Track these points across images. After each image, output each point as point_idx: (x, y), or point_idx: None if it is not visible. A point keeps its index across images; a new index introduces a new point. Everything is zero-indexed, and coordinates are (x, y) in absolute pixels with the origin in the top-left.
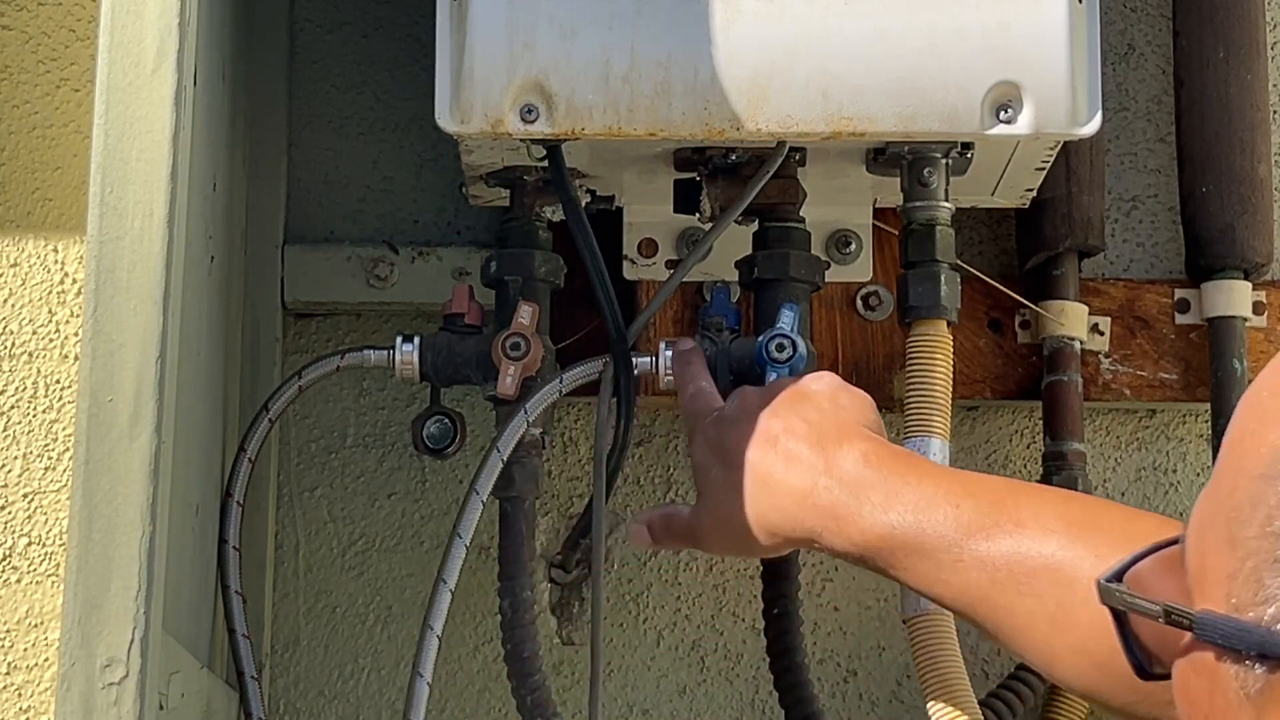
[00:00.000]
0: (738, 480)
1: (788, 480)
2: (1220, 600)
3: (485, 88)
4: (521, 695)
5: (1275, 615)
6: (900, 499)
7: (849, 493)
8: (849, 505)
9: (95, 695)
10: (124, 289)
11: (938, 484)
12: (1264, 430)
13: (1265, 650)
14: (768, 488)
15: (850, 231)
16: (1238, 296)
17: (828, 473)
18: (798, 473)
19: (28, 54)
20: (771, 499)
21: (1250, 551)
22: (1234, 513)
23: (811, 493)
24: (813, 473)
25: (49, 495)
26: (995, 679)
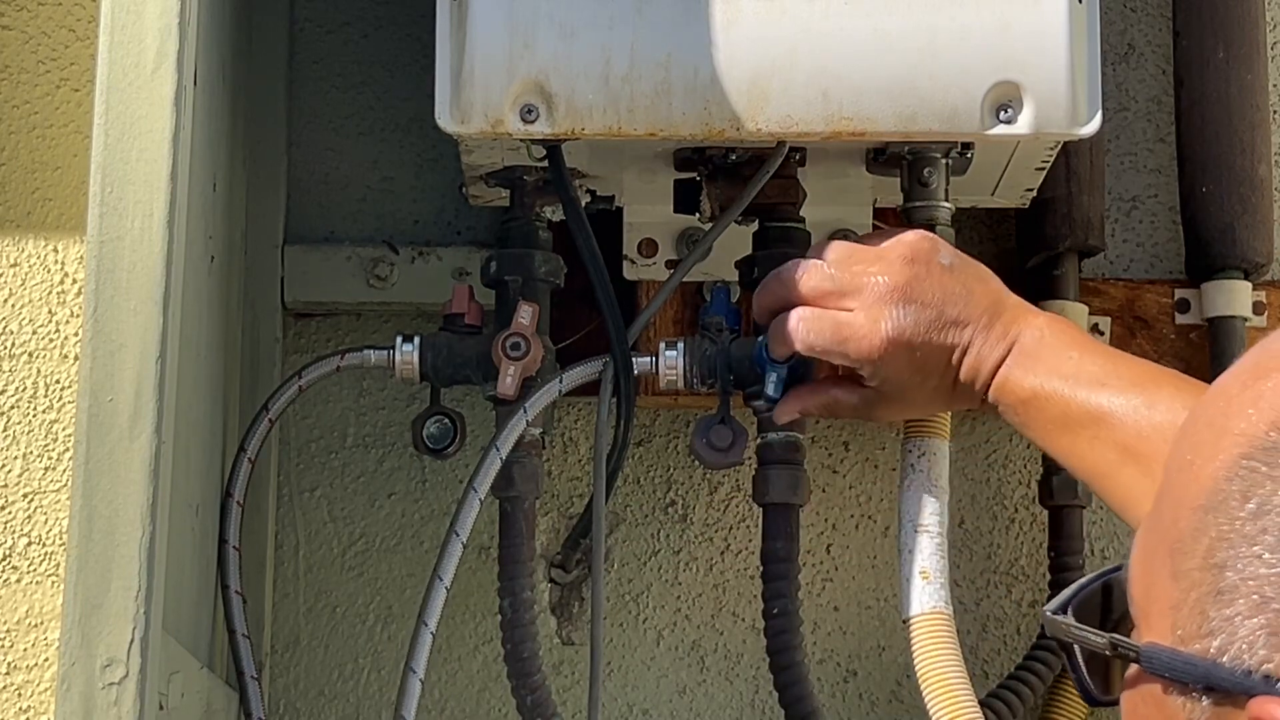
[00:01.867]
0: (928, 373)
1: (975, 362)
2: (1166, 632)
3: (485, 88)
4: (521, 695)
5: (1220, 647)
6: (1057, 374)
7: (1025, 367)
8: (1022, 372)
9: (95, 695)
10: (124, 289)
11: (1093, 362)
12: (1202, 462)
13: (1211, 683)
14: (957, 371)
15: (850, 231)
16: (1238, 296)
17: (1015, 341)
18: (985, 351)
19: (28, 54)
20: (963, 378)
21: (1193, 583)
22: (1176, 544)
23: (993, 366)
24: (1004, 341)
25: (49, 495)
26: (995, 679)
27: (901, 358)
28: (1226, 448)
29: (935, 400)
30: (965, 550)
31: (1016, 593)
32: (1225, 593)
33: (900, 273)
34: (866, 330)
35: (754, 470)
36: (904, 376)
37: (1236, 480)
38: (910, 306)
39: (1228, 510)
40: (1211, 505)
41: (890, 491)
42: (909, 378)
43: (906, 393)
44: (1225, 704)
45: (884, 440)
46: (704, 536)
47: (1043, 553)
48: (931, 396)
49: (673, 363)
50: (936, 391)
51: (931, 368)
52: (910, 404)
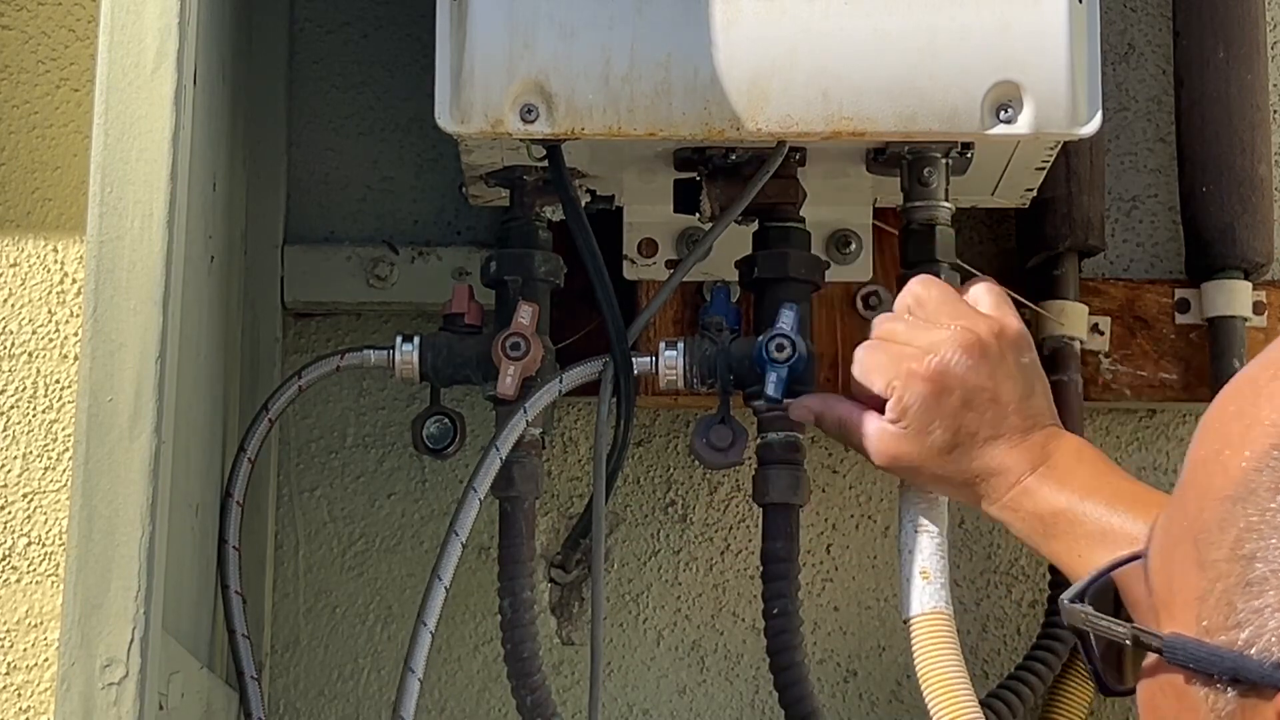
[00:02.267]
0: (961, 443)
1: (1009, 461)
2: (1190, 622)
3: (485, 88)
4: (521, 695)
5: (1249, 639)
6: (1099, 491)
7: (1056, 478)
8: (1053, 488)
9: (95, 695)
10: (124, 289)
11: (1134, 489)
12: (1230, 453)
13: (1238, 674)
14: (985, 461)
15: (850, 231)
16: (1238, 296)
17: (1045, 460)
18: (1020, 457)
19: (28, 54)
20: (984, 471)
21: (1220, 574)
22: (1202, 535)
23: (1025, 476)
24: (1033, 459)
25: (49, 495)
26: (995, 679)
27: (933, 402)
28: (1256, 439)
29: (941, 468)
30: (965, 550)
31: (1016, 593)
32: (1254, 584)
33: (980, 329)
34: (914, 356)
35: (754, 470)
36: (924, 426)
37: (1267, 471)
38: (971, 361)
39: (1257, 501)
40: (1240, 496)
41: (890, 491)
42: (928, 431)
43: (919, 451)
44: (1251, 696)
45: None
46: (704, 536)
47: None
48: (939, 463)
49: (673, 363)
50: (944, 461)
51: (951, 434)
52: (916, 462)
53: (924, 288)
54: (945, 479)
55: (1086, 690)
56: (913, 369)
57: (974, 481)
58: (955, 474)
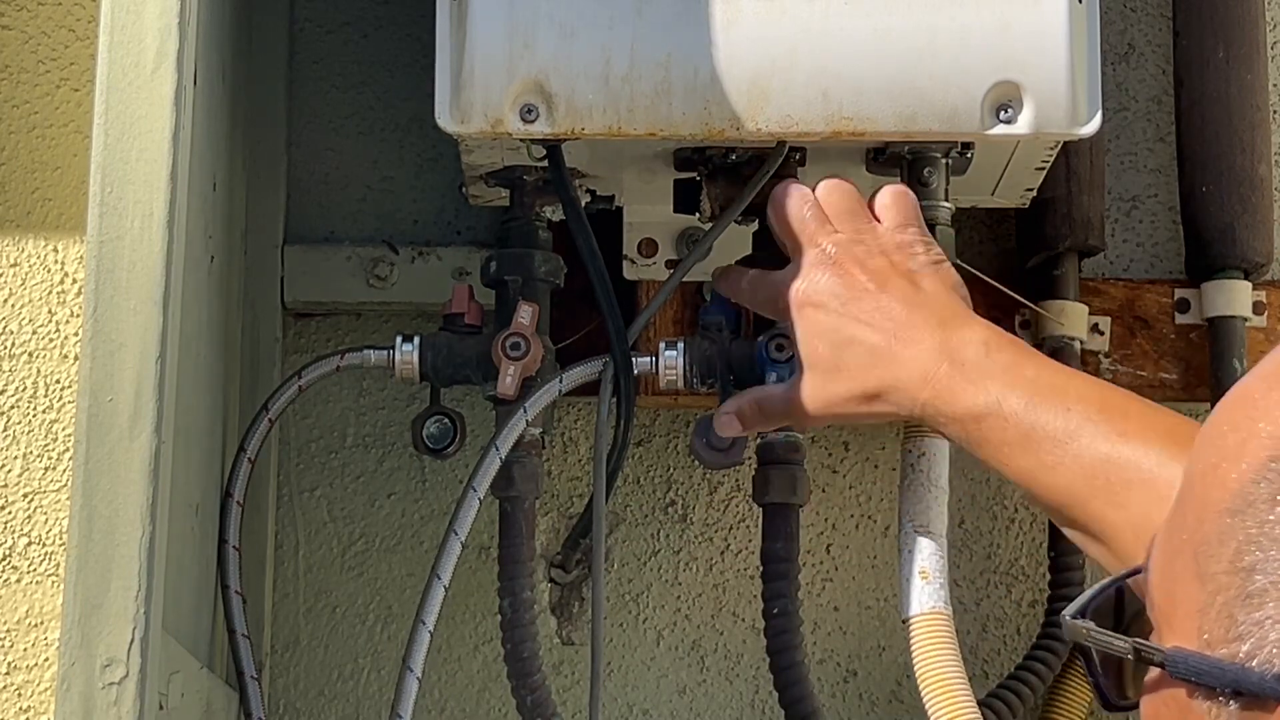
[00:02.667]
0: (848, 355)
1: (907, 358)
2: (1191, 635)
3: (485, 88)
4: (521, 695)
5: (1250, 651)
6: (1015, 388)
7: (967, 378)
8: (965, 390)
9: (95, 695)
10: (124, 289)
11: (1052, 381)
12: (1227, 465)
13: (1240, 687)
14: (885, 363)
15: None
16: (1238, 296)
17: (950, 356)
18: (919, 352)
19: (28, 54)
20: (888, 375)
21: (1220, 587)
22: (1202, 547)
23: (932, 375)
24: (935, 354)
25: (49, 495)
26: (995, 679)
27: (809, 326)
28: (1253, 451)
29: (849, 389)
30: (965, 550)
31: (1016, 593)
32: (1254, 596)
33: (856, 245)
34: (786, 286)
35: (754, 470)
36: (812, 354)
37: (1264, 483)
38: (836, 273)
39: (1256, 513)
40: (1239, 508)
41: (890, 491)
42: (817, 357)
43: (823, 382)
44: (1254, 708)
45: (884, 440)
46: (704, 536)
47: (1043, 553)
48: (845, 386)
49: (673, 363)
50: (847, 381)
51: (835, 348)
52: (826, 395)
53: (827, 193)
54: (857, 399)
55: (1086, 690)
56: (787, 302)
57: (884, 393)
58: (862, 391)
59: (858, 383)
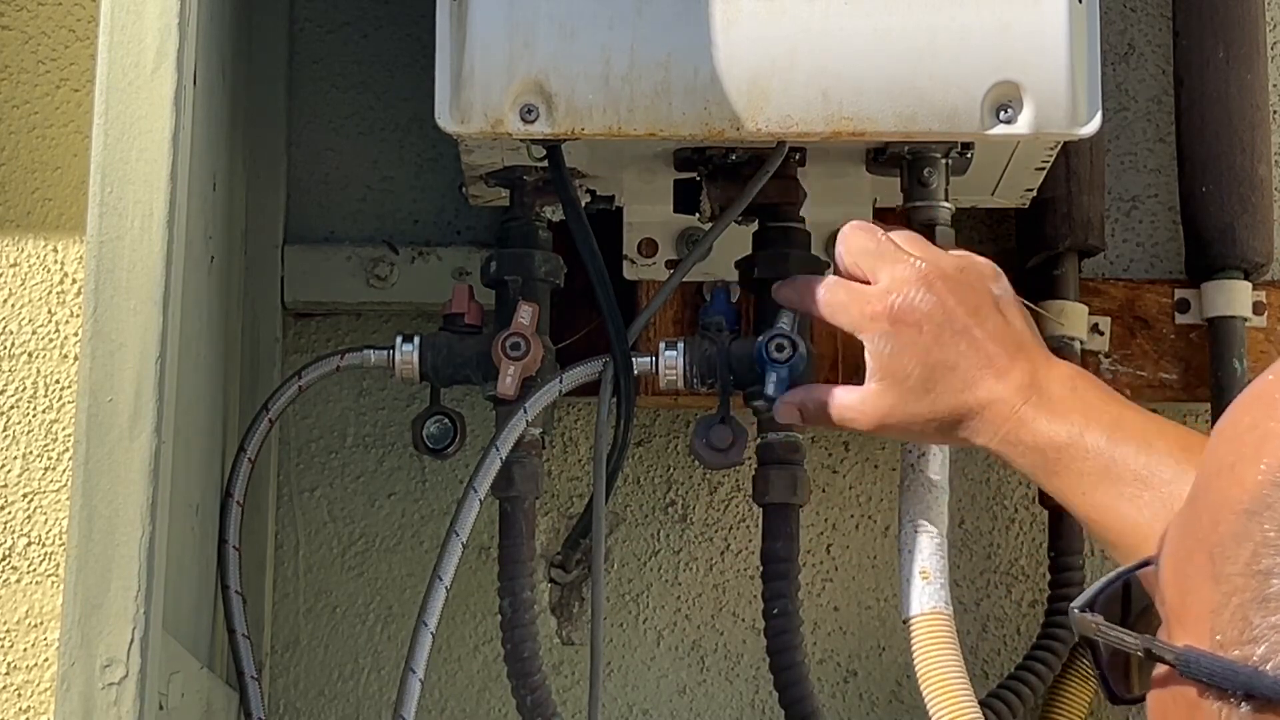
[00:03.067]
0: (941, 379)
1: (997, 390)
2: (1204, 636)
3: (485, 88)
4: (521, 695)
5: (1264, 655)
6: (1098, 422)
7: (1052, 410)
8: (1048, 421)
9: (95, 695)
10: (124, 289)
11: (1135, 420)
12: (1244, 466)
13: (1252, 690)
14: (974, 393)
15: None
16: (1238, 296)
17: (1039, 390)
18: (1008, 385)
19: (28, 54)
20: (974, 403)
21: (1236, 588)
22: (1217, 547)
23: (1018, 407)
24: (1023, 388)
25: (49, 495)
26: (995, 679)
27: (903, 343)
28: (1272, 450)
29: (929, 411)
30: (965, 550)
31: (1016, 593)
32: (1271, 600)
33: (944, 264)
34: (876, 296)
35: (754, 470)
36: (899, 370)
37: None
38: (934, 294)
39: (1274, 515)
40: (1256, 510)
41: (890, 491)
42: (905, 375)
43: (901, 399)
44: (1266, 711)
45: (884, 440)
46: (704, 536)
47: (1043, 553)
48: (925, 407)
49: (673, 363)
50: (929, 403)
51: (928, 371)
52: (903, 412)
53: (888, 230)
54: (937, 422)
55: (1086, 690)
56: (875, 311)
57: (965, 418)
58: (945, 414)
59: (943, 406)
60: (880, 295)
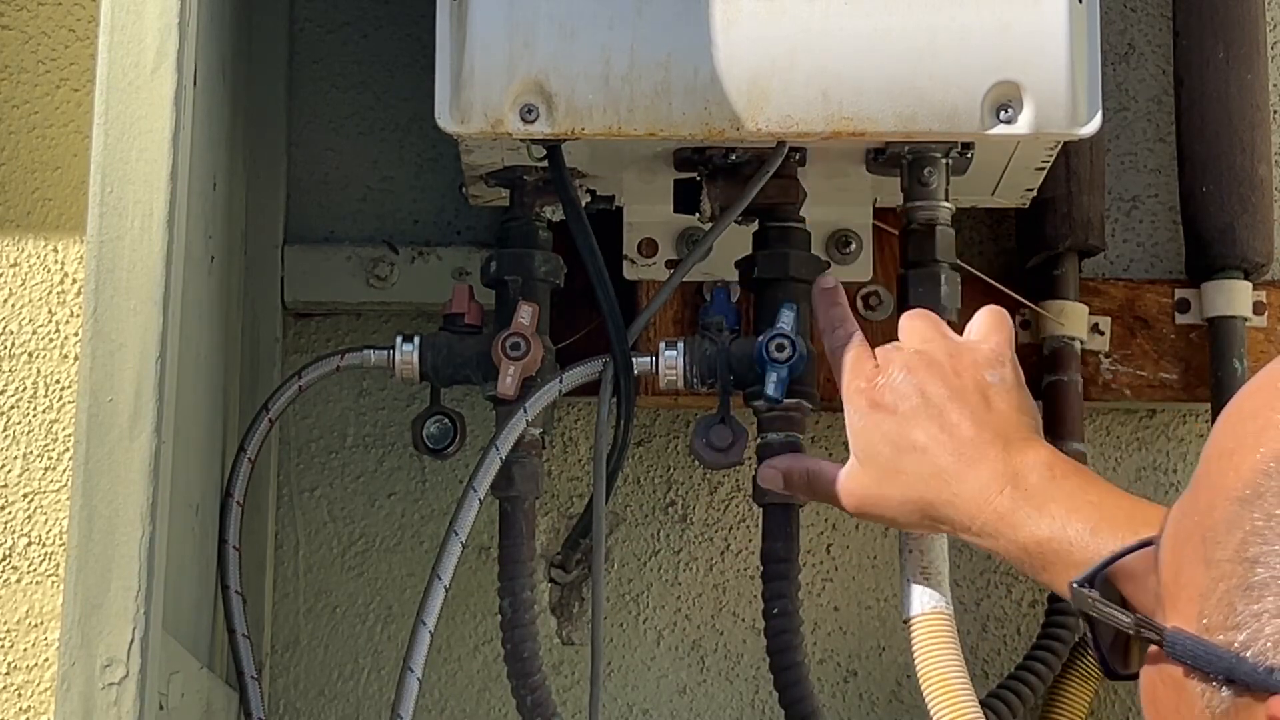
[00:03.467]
0: (909, 463)
1: (968, 478)
2: (1191, 618)
3: (485, 88)
4: (521, 695)
5: (1245, 641)
6: (1080, 514)
7: (1031, 503)
8: (1028, 516)
9: (95, 695)
10: (124, 289)
11: (1118, 506)
12: (1243, 453)
13: (1232, 675)
14: (944, 479)
15: (850, 231)
16: (1238, 296)
17: (1012, 480)
18: (979, 474)
19: (28, 54)
20: (945, 491)
21: (1224, 574)
22: (1210, 532)
23: (993, 499)
24: (996, 477)
25: (49, 495)
26: (995, 679)
27: (876, 420)
28: (1271, 440)
29: (902, 493)
30: (965, 550)
31: (1016, 593)
32: (1255, 588)
33: (934, 350)
34: (868, 374)
35: (754, 470)
36: (871, 448)
37: (1276, 476)
38: (915, 376)
39: (1265, 505)
40: (1249, 498)
41: None
42: (877, 454)
43: (877, 480)
44: (1245, 696)
45: None
46: (704, 536)
47: None
48: (899, 489)
49: (673, 363)
50: (902, 485)
51: (896, 452)
52: (878, 494)
53: (909, 319)
54: (911, 506)
55: (1086, 690)
56: (860, 387)
57: (938, 505)
58: (918, 499)
59: (915, 491)
60: (870, 374)
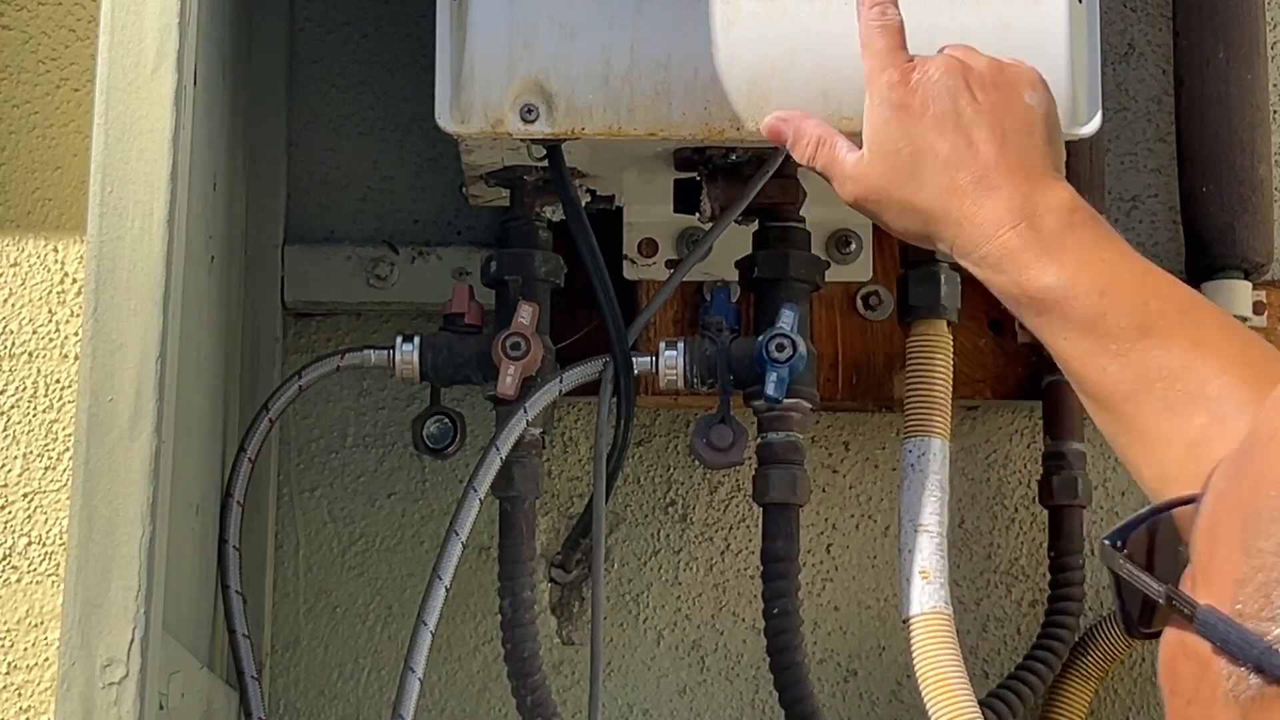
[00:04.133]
0: (926, 169)
1: (983, 203)
2: (1225, 601)
3: (485, 88)
4: (521, 695)
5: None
6: (1090, 270)
7: (1042, 247)
8: (1036, 261)
9: (95, 695)
10: (124, 289)
11: (1132, 271)
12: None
13: (1262, 665)
14: (957, 197)
15: (850, 231)
16: (1238, 296)
17: (1028, 217)
18: (996, 202)
19: (28, 54)
20: (955, 209)
21: (1263, 565)
22: (1253, 518)
23: (1002, 232)
24: (1012, 210)
25: (49, 495)
26: (995, 679)
27: (902, 116)
28: None
29: (906, 195)
30: (965, 550)
31: (1016, 593)
32: None
33: (978, 62)
34: (903, 65)
35: (754, 470)
36: (892, 144)
37: None
38: (951, 81)
39: None
40: None
41: (890, 491)
42: (896, 151)
43: (886, 172)
44: (1274, 687)
45: (884, 440)
46: (704, 536)
47: (1043, 553)
48: (905, 189)
49: (673, 362)
50: (910, 187)
51: (914, 154)
52: (882, 187)
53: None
54: (914, 214)
55: (1086, 690)
56: (892, 77)
57: (943, 222)
58: (924, 208)
59: (924, 200)
60: (905, 67)
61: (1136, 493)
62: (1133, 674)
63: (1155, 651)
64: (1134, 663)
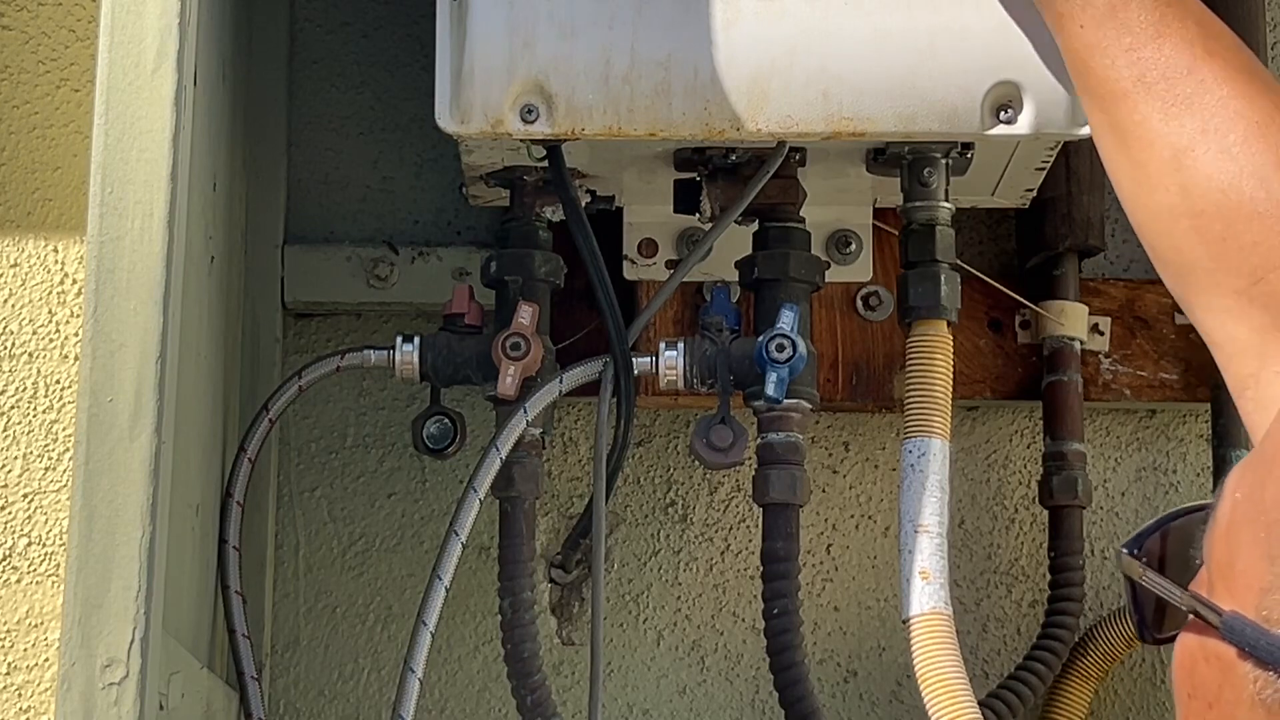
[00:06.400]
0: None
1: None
2: (1249, 607)
3: (485, 88)
4: (521, 695)
5: None
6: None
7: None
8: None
9: (95, 695)
10: (124, 289)
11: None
12: None
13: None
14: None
15: (850, 231)
16: None
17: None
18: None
19: (28, 54)
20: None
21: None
22: (1275, 529)
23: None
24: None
25: (49, 495)
26: (995, 679)
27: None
28: None
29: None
30: (965, 550)
31: (1016, 593)
32: None
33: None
34: None
35: (754, 470)
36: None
37: None
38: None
39: None
40: None
41: (890, 491)
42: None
43: None
44: None
45: (884, 440)
46: (704, 536)
47: (1043, 553)
48: None
49: (673, 363)
50: None
51: None
52: None
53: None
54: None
55: (1086, 690)
56: None
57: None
58: None
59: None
60: None
61: (1136, 493)
62: (1133, 674)
63: (1155, 652)
64: (1134, 663)
